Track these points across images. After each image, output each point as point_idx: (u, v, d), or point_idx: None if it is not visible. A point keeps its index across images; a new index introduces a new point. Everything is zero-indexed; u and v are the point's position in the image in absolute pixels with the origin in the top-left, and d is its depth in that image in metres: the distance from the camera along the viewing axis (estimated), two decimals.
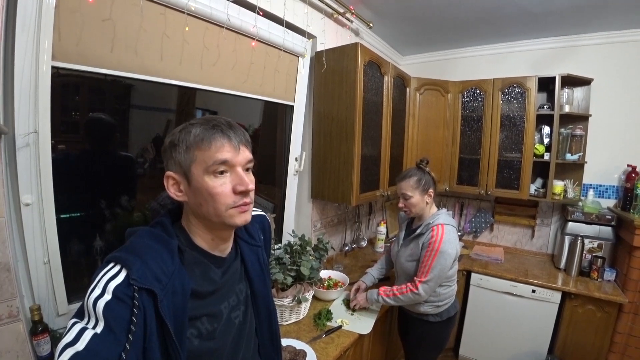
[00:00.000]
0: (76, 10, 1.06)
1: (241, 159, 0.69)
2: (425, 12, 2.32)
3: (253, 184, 0.73)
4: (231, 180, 0.69)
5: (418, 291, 1.57)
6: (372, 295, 1.72)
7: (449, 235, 1.58)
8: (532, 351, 2.36)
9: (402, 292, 1.62)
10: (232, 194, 0.69)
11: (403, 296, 1.62)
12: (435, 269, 1.55)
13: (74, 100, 1.28)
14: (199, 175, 0.67)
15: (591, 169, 2.58)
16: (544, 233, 2.86)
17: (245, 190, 0.69)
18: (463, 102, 2.78)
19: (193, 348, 0.67)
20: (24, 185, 1.05)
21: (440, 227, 1.59)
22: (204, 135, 0.66)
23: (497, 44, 2.90)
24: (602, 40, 2.52)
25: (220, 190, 0.67)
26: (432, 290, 1.60)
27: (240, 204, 0.70)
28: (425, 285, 1.57)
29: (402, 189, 1.68)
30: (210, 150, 0.66)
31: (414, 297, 1.59)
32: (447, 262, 1.56)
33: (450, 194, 3.05)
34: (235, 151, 0.68)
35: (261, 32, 1.66)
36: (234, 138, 0.68)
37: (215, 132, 0.67)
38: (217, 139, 0.67)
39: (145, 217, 1.47)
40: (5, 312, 0.99)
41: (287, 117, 2.13)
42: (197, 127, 0.67)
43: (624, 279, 2.15)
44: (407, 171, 1.72)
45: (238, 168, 0.69)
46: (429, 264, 1.56)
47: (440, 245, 1.55)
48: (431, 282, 1.57)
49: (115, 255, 0.62)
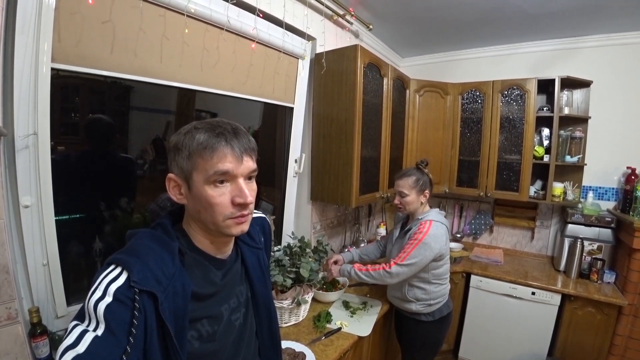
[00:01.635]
0: (76, 12, 1.06)
1: (243, 170, 0.68)
2: (425, 14, 2.33)
3: (255, 192, 0.72)
4: (231, 190, 0.68)
5: (390, 270, 1.61)
6: (345, 268, 1.77)
7: (436, 230, 1.63)
8: (531, 353, 2.35)
9: (375, 269, 1.67)
10: (231, 205, 0.68)
11: (375, 272, 1.66)
12: (414, 257, 1.59)
13: (74, 102, 1.28)
14: (199, 182, 0.66)
15: (591, 171, 2.58)
16: (544, 235, 2.86)
17: (243, 204, 0.68)
18: (463, 104, 2.79)
19: (193, 350, 0.67)
20: (23, 187, 1.05)
21: (428, 222, 1.64)
22: (208, 143, 0.65)
23: (497, 46, 2.90)
24: (601, 43, 2.53)
25: (218, 201, 0.67)
26: (404, 275, 1.62)
27: (238, 215, 0.69)
28: (399, 268, 1.60)
29: (400, 187, 1.72)
30: (212, 159, 0.65)
31: (384, 275, 1.63)
32: (427, 254, 1.59)
33: (449, 196, 3.05)
34: (238, 162, 0.67)
35: (261, 34, 1.66)
36: (237, 147, 0.67)
37: (219, 140, 0.66)
38: (219, 149, 0.65)
39: (145, 218, 1.46)
40: (4, 314, 0.98)
41: (286, 119, 2.13)
42: (202, 133, 0.66)
43: (624, 281, 2.15)
44: (406, 170, 1.77)
45: (239, 179, 0.68)
46: (409, 251, 1.60)
47: (424, 237, 1.59)
48: (406, 267, 1.59)
49: (116, 257, 0.62)
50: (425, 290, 1.69)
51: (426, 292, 1.69)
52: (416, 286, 1.70)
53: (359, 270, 1.71)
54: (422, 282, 1.70)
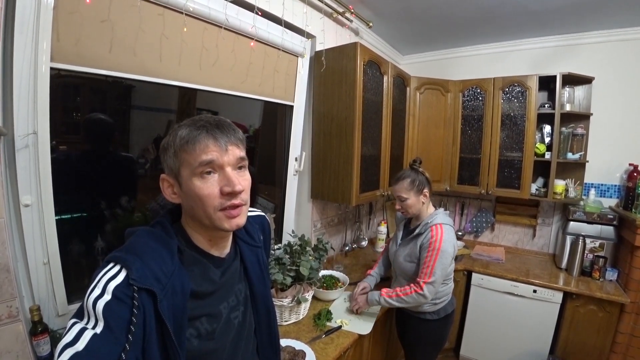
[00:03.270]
0: (74, 11, 1.06)
1: (229, 159, 0.68)
2: (425, 11, 2.32)
3: (248, 182, 0.71)
4: (219, 181, 0.67)
5: (423, 292, 1.56)
6: (373, 297, 1.69)
7: (448, 234, 1.59)
8: (533, 351, 2.34)
9: (406, 294, 1.60)
10: (220, 195, 0.67)
11: (408, 297, 1.60)
12: (438, 269, 1.56)
13: (74, 101, 1.28)
14: (187, 177, 0.67)
15: (592, 168, 2.57)
16: (545, 233, 2.85)
17: (232, 192, 0.67)
18: (463, 101, 2.78)
19: (192, 348, 0.67)
20: (24, 186, 1.05)
21: (439, 227, 1.60)
22: (189, 136, 0.66)
23: (498, 42, 2.89)
24: (603, 39, 2.51)
25: (207, 192, 0.66)
26: (436, 290, 1.59)
27: (228, 205, 0.67)
28: (430, 286, 1.56)
29: (397, 192, 1.68)
30: (195, 152, 0.65)
31: (419, 298, 1.58)
32: (447, 261, 1.58)
33: (451, 194, 3.04)
34: (222, 150, 0.66)
35: (260, 32, 1.66)
36: (220, 137, 0.67)
37: (199, 132, 0.66)
38: (200, 140, 0.65)
39: (146, 217, 1.47)
40: (5, 313, 0.99)
41: (286, 117, 2.13)
42: (184, 128, 0.67)
43: (626, 278, 2.14)
44: (400, 173, 1.72)
45: (227, 168, 0.67)
46: (432, 265, 1.56)
47: (441, 245, 1.56)
48: (435, 283, 1.57)
49: (115, 255, 0.62)
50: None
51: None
52: None
53: (388, 298, 1.64)
54: None
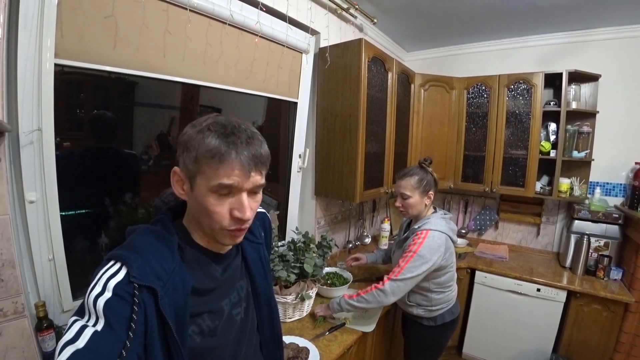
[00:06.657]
0: (78, 7, 1.06)
1: (248, 185, 0.66)
2: (430, 7, 2.30)
3: (257, 204, 0.71)
4: (231, 202, 0.66)
5: (384, 287, 1.48)
6: (334, 303, 1.58)
7: (431, 241, 1.50)
8: (536, 350, 2.34)
9: (366, 291, 1.53)
10: (229, 216, 0.66)
11: (367, 295, 1.51)
12: (409, 271, 1.47)
13: (78, 98, 1.28)
14: (202, 187, 0.65)
15: (598, 166, 2.54)
16: (550, 231, 2.84)
17: (241, 219, 0.66)
18: (468, 98, 2.76)
19: (195, 345, 0.68)
20: (28, 182, 1.05)
21: (424, 232, 1.52)
22: (217, 152, 0.62)
23: (503, 39, 2.86)
24: (610, 36, 2.48)
25: (217, 210, 0.65)
26: (401, 291, 1.50)
27: (234, 228, 0.68)
28: (394, 284, 1.48)
29: (402, 188, 1.61)
30: (218, 170, 0.63)
31: (379, 295, 1.49)
32: (422, 267, 1.47)
33: (454, 191, 3.03)
34: (245, 177, 0.64)
35: (264, 28, 1.65)
36: (247, 161, 0.63)
37: (228, 151, 0.62)
38: (227, 162, 0.62)
39: (149, 214, 1.47)
40: (11, 309, 1.00)
41: (290, 114, 2.12)
42: (213, 137, 0.62)
43: (631, 278, 2.12)
44: (408, 169, 1.65)
45: (243, 193, 0.66)
46: (403, 265, 1.49)
47: (418, 248, 1.48)
48: (401, 282, 1.48)
49: (115, 252, 0.62)
50: (426, 297, 1.62)
51: (427, 298, 1.61)
52: (416, 292, 1.63)
53: (349, 299, 1.54)
54: (422, 289, 1.61)
